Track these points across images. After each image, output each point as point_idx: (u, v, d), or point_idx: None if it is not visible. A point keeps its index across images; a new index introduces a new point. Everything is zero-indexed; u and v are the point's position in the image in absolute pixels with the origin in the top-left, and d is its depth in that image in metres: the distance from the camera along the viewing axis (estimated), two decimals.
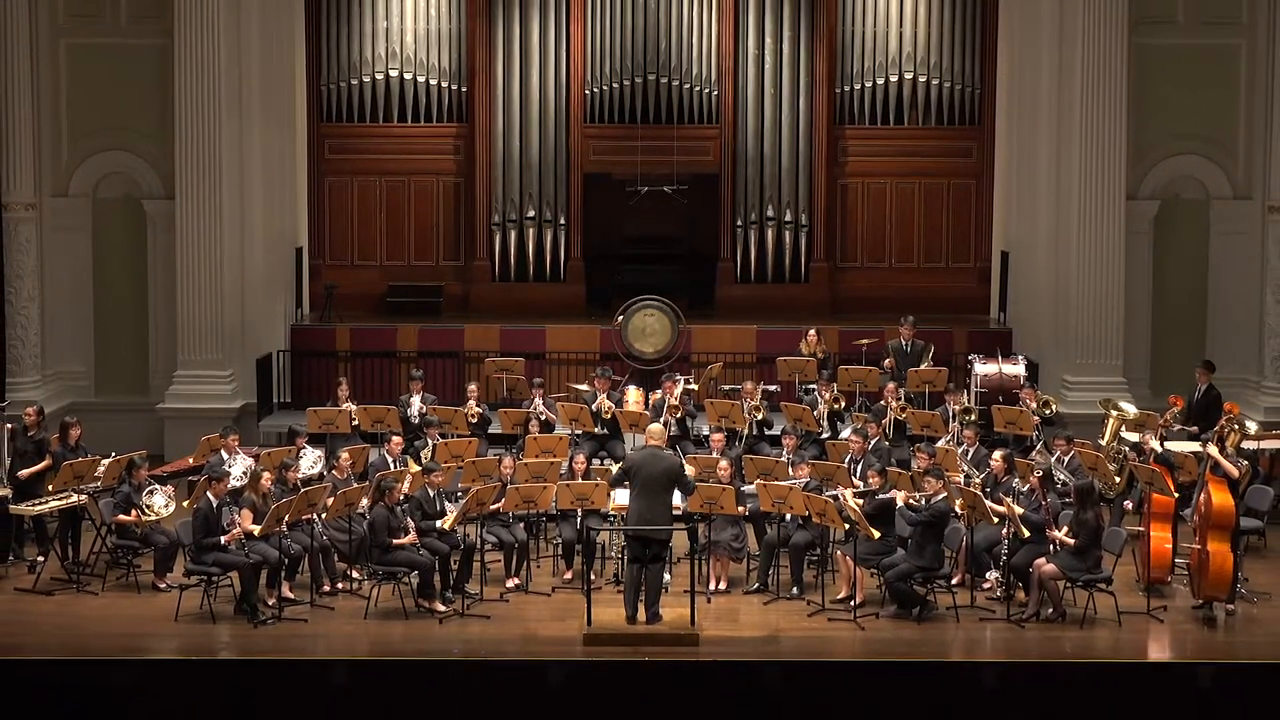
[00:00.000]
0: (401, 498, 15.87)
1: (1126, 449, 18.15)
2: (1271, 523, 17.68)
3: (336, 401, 19.28)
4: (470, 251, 24.82)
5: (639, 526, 14.81)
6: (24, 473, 16.88)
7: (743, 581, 16.36)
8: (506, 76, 24.48)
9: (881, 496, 15.61)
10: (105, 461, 16.87)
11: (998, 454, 16.46)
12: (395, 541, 15.37)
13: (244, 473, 16.87)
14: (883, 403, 19.28)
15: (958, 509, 15.69)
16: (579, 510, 16.28)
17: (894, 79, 24.66)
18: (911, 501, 15.48)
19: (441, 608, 15.39)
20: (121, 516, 16.20)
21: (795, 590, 15.97)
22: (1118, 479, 17.60)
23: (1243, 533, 16.18)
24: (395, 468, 16.81)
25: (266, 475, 16.01)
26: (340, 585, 16.10)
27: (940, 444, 17.80)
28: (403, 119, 24.71)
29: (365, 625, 15.22)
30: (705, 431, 18.73)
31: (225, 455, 17.23)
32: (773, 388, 20.26)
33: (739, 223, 24.60)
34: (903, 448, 18.55)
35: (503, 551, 16.38)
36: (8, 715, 13.95)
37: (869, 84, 24.71)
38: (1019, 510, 15.46)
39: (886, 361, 20.56)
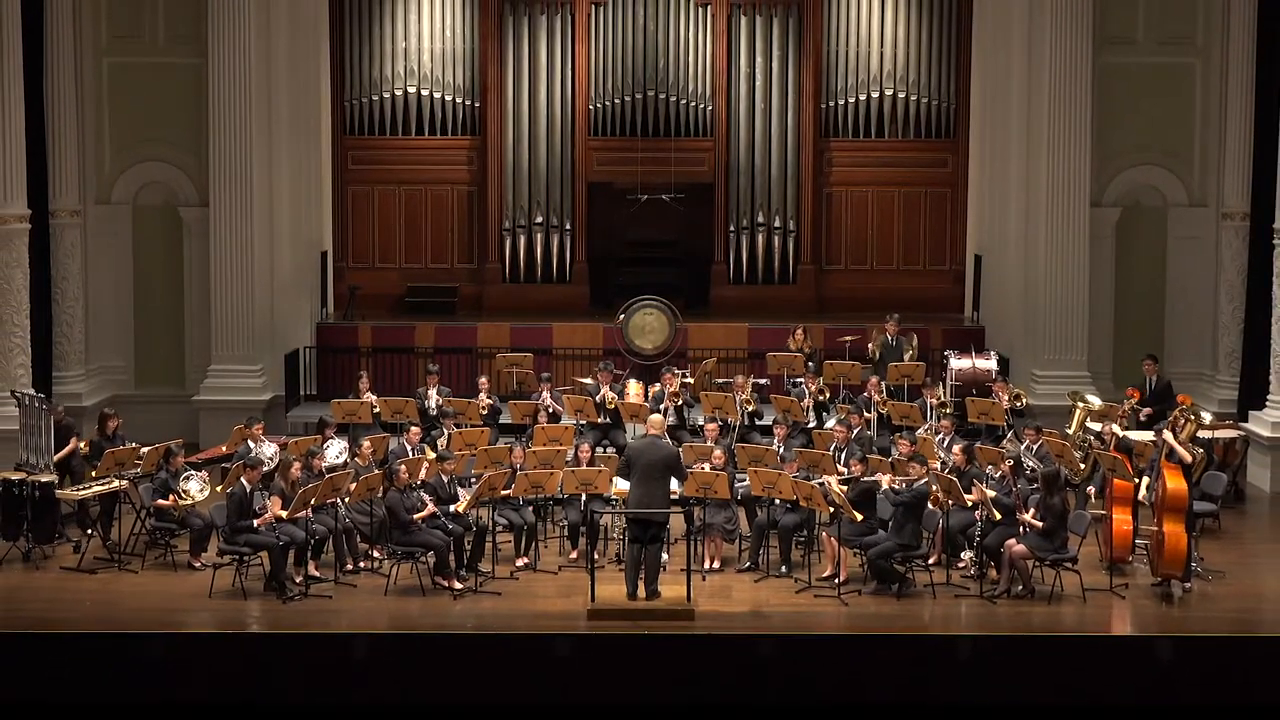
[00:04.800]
0: (418, 481, 15.85)
1: (1091, 438, 18.13)
2: (1225, 506, 17.68)
3: (358, 394, 19.26)
4: (483, 255, 24.78)
5: (639, 510, 14.79)
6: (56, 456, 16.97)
7: (735, 561, 16.34)
8: (516, 93, 24.44)
9: (866, 479, 15.60)
10: (144, 450, 16.85)
11: (956, 447, 16.40)
12: (415, 517, 15.35)
13: (272, 456, 16.86)
14: (866, 395, 19.27)
15: (933, 494, 15.66)
16: (583, 495, 16.25)
17: (875, 95, 24.62)
18: (895, 485, 15.48)
19: (456, 585, 15.36)
20: (160, 501, 16.18)
21: (784, 569, 15.95)
22: (1083, 466, 17.57)
23: (1198, 515, 16.15)
24: (413, 456, 16.78)
25: (296, 465, 15.98)
26: (362, 564, 16.07)
27: (919, 433, 17.79)
28: (420, 132, 24.68)
29: (385, 601, 15.19)
30: (700, 422, 18.71)
31: (252, 444, 17.19)
32: (763, 381, 20.24)
33: (732, 228, 24.58)
34: (883, 437, 18.54)
35: (513, 533, 16.36)
36: (54, 683, 13.94)
37: (852, 100, 24.67)
38: (991, 494, 15.45)
39: (870, 347, 20.65)
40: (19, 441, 17.30)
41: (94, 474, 16.76)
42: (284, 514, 15.30)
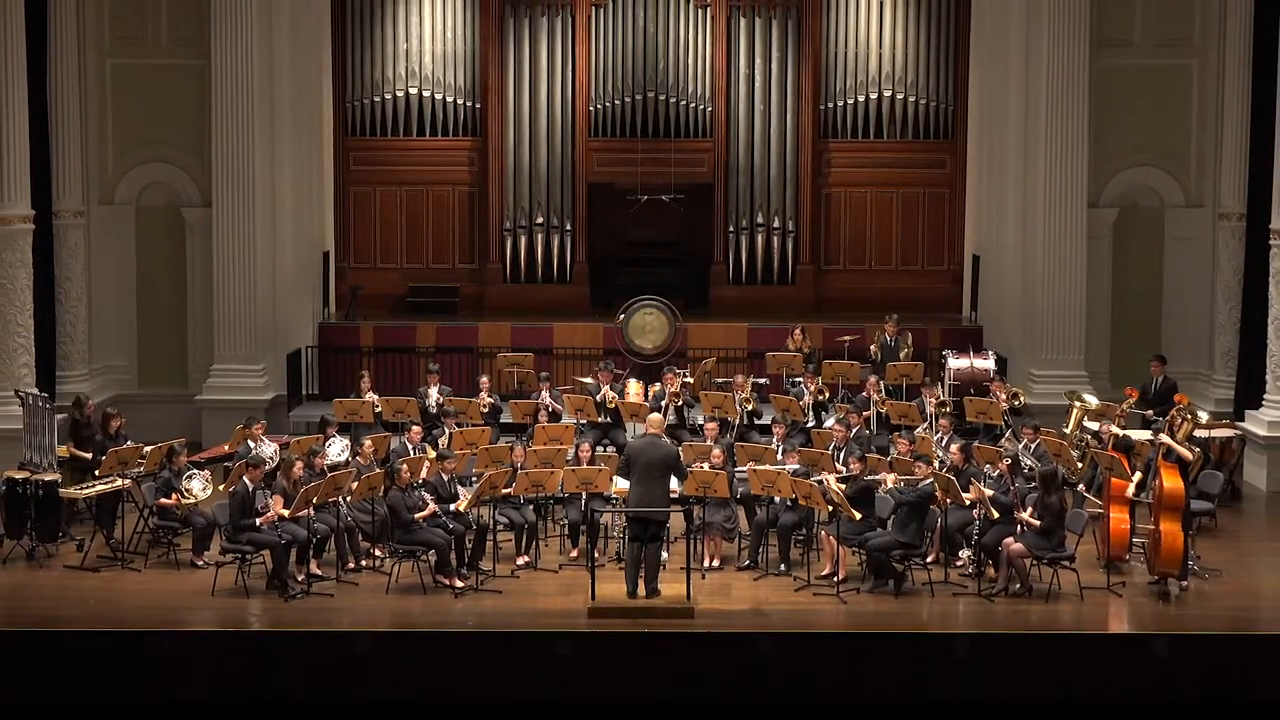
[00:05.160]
0: (419, 481, 15.84)
1: (1089, 437, 18.12)
2: (1222, 505, 17.68)
3: (360, 393, 19.25)
4: (484, 255, 24.78)
5: (639, 508, 14.78)
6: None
7: (734, 559, 16.33)
8: (517, 94, 24.44)
9: (865, 478, 15.59)
10: (147, 449, 16.85)
11: (954, 446, 16.41)
12: (417, 516, 15.34)
13: (271, 455, 16.85)
14: (865, 394, 19.27)
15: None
16: (584, 493, 16.24)
17: (874, 96, 24.62)
18: (899, 485, 15.46)
19: (458, 583, 15.36)
20: (163, 500, 16.18)
21: (783, 567, 15.94)
22: (1080, 465, 17.56)
23: (1195, 514, 16.14)
24: (415, 455, 16.78)
25: (298, 463, 15.98)
26: (364, 563, 16.06)
27: (917, 432, 17.78)
28: (421, 133, 24.68)
29: (387, 599, 15.19)
30: (700, 421, 18.71)
31: (252, 444, 17.17)
32: (762, 381, 20.24)
33: (731, 228, 24.58)
34: (882, 436, 18.53)
35: (513, 532, 16.35)
36: (58, 680, 13.93)
37: (851, 101, 24.67)
38: (989, 493, 15.45)
39: (872, 347, 20.64)
40: (23, 441, 17.29)
41: (98, 472, 16.74)
42: (286, 513, 15.30)
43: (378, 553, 16.19)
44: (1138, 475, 16.21)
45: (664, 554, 15.64)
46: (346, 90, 24.53)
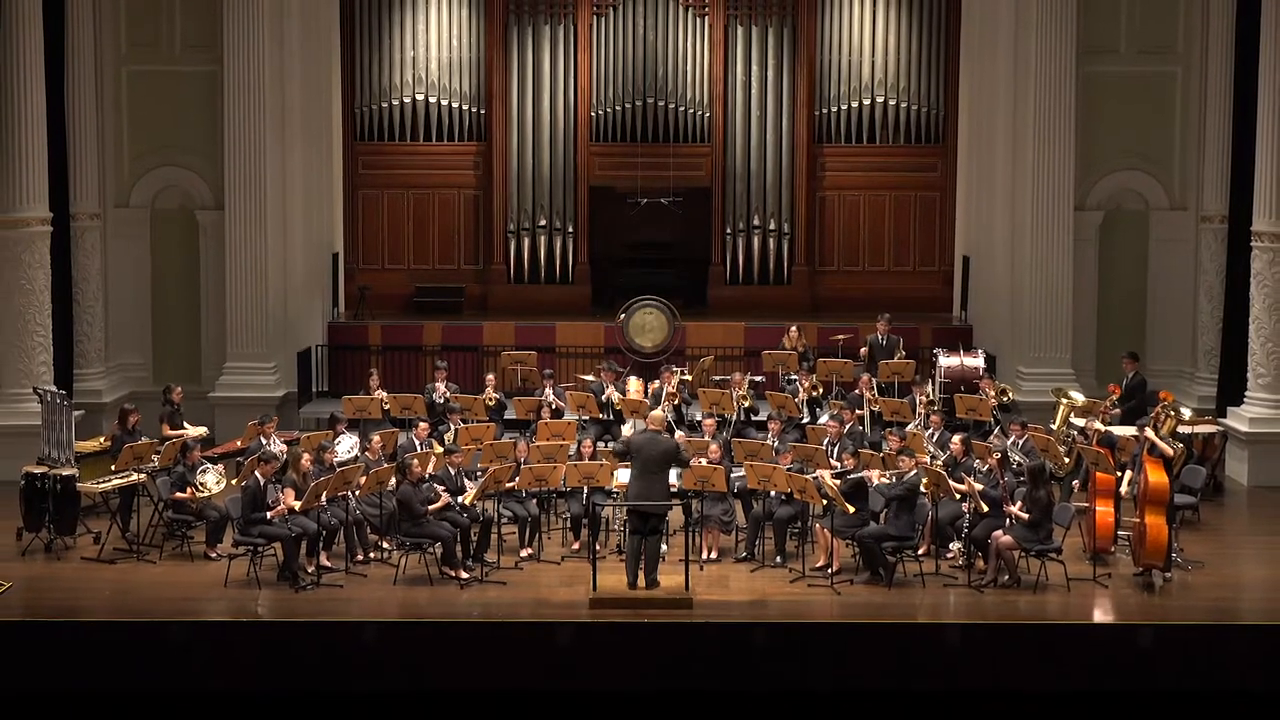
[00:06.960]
0: (427, 475, 15.86)
1: (1075, 433, 18.14)
2: (1204, 499, 17.70)
3: (368, 390, 19.26)
4: (488, 256, 24.79)
5: (639, 502, 14.80)
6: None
7: (732, 551, 16.35)
8: (521, 100, 24.46)
9: (853, 476, 15.60)
10: (173, 426, 16.94)
11: (956, 438, 16.46)
12: (430, 508, 15.34)
13: (279, 453, 16.86)
14: (857, 392, 19.28)
15: (923, 486, 15.67)
16: (586, 487, 16.25)
17: (867, 102, 24.64)
18: (886, 479, 15.48)
19: (463, 575, 15.38)
20: (177, 494, 16.19)
21: (779, 559, 15.96)
22: (1067, 460, 17.58)
23: (1178, 508, 16.16)
24: (422, 450, 16.78)
25: (306, 457, 16.00)
26: (372, 555, 16.09)
27: (909, 428, 17.80)
28: (428, 138, 24.69)
29: (394, 591, 15.21)
30: (698, 417, 18.72)
31: (263, 440, 17.18)
32: (758, 378, 20.24)
33: (729, 231, 24.59)
34: (875, 432, 18.54)
35: (517, 524, 16.37)
36: (76, 668, 13.96)
37: (845, 107, 24.69)
38: (979, 487, 15.47)
39: (862, 350, 20.63)
40: (41, 436, 17.31)
41: (114, 468, 16.75)
42: (297, 506, 15.32)
43: (386, 545, 16.21)
44: (1128, 474, 16.22)
45: (663, 546, 15.65)
46: (355, 96, 24.55)
